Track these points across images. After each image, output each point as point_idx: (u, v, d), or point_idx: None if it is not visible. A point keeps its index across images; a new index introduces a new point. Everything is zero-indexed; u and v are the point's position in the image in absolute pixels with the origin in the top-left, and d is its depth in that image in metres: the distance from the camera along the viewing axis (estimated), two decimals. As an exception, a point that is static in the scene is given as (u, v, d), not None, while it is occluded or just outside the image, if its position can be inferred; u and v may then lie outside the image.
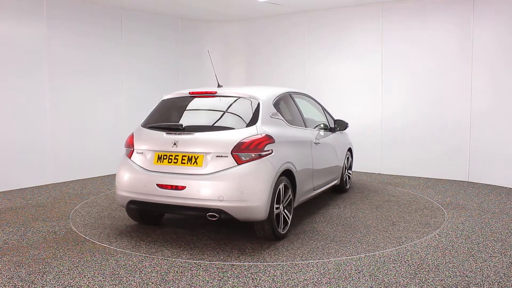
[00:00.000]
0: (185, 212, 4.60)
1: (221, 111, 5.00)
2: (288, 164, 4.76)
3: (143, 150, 4.74)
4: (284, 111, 5.32)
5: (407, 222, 5.39)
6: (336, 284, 3.63)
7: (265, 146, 4.47)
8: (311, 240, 4.74)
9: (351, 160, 7.35)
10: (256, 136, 4.49)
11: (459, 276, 3.78)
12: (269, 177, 4.41)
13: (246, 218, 4.36)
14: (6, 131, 7.20)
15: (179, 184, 4.41)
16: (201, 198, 4.33)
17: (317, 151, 5.71)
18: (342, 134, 6.90)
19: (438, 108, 8.08)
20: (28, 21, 7.44)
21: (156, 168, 4.60)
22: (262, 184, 4.35)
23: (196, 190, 4.35)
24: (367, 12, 8.70)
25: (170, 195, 4.45)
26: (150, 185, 4.54)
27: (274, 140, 4.61)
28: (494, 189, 7.23)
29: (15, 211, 5.95)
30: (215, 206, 4.29)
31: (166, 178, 4.48)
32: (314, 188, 5.65)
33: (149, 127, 4.92)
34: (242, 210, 4.30)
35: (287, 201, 4.82)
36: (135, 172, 4.69)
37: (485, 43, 7.54)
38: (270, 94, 5.13)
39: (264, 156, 4.45)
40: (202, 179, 4.37)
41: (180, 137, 4.59)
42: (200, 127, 4.72)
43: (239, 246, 4.56)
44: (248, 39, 10.44)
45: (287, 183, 4.78)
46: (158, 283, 3.65)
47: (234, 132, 4.52)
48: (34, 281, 3.69)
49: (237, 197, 4.26)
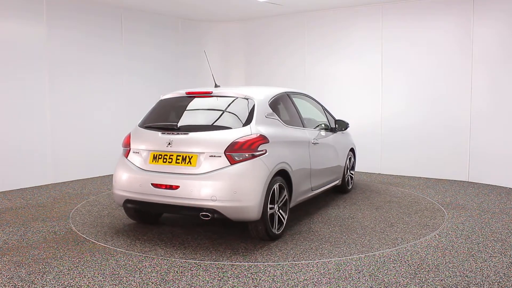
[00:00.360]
0: (179, 212, 4.63)
1: (216, 111, 5.02)
2: (283, 164, 4.75)
3: (139, 149, 4.79)
4: (280, 111, 5.32)
5: (406, 223, 5.38)
6: (336, 284, 3.63)
7: (258, 146, 4.48)
8: (305, 240, 4.73)
9: (353, 160, 7.29)
10: (250, 136, 4.49)
11: (459, 276, 3.78)
12: (263, 177, 4.41)
13: (239, 218, 4.36)
14: (6, 131, 7.20)
15: (173, 184, 4.43)
16: (194, 198, 4.35)
17: (316, 151, 5.69)
18: (343, 135, 6.86)
19: (438, 108, 8.08)
20: (28, 21, 7.44)
21: (151, 167, 4.64)
22: (255, 184, 4.35)
23: (189, 190, 4.36)
24: (367, 12, 8.70)
25: (164, 194, 4.47)
26: (145, 184, 4.57)
27: (268, 140, 4.61)
28: (494, 189, 7.23)
29: (15, 211, 5.95)
30: (208, 206, 4.30)
31: (161, 178, 4.51)
32: (312, 188, 5.64)
33: (145, 127, 4.97)
34: (235, 210, 4.31)
35: (282, 201, 4.81)
36: (131, 172, 4.73)
37: (485, 43, 7.54)
38: (266, 94, 5.13)
39: (258, 156, 4.45)
40: (195, 179, 4.38)
41: (174, 137, 4.63)
42: (194, 127, 4.75)
43: (232, 245, 4.56)
44: (248, 39, 10.44)
45: (282, 183, 4.77)
46: (158, 283, 3.65)
47: (228, 132, 4.53)
48: (34, 281, 3.69)
49: (230, 197, 4.27)
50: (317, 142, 5.79)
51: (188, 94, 5.13)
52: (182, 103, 5.17)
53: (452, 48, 7.89)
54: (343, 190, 6.98)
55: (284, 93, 5.63)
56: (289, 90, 5.85)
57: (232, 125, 4.64)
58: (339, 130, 6.57)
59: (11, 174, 7.28)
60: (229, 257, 4.23)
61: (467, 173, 7.91)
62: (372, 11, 8.64)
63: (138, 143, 4.83)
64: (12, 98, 7.26)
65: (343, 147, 6.77)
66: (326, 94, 8.93)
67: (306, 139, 5.55)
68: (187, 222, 5.41)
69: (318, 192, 5.91)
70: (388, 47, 8.52)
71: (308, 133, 5.66)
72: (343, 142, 6.80)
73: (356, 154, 7.47)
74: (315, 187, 5.75)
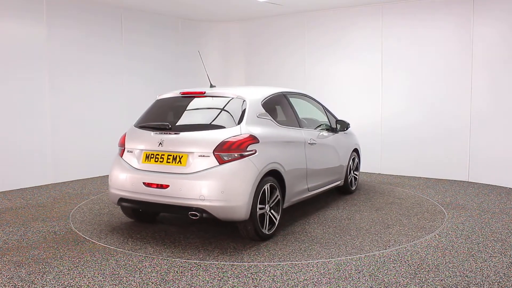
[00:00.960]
0: (169, 211, 4.67)
1: (208, 111, 5.06)
2: (274, 164, 4.74)
3: (133, 149, 4.85)
4: (274, 111, 5.33)
5: (403, 225, 5.33)
6: (336, 284, 3.63)
7: (247, 146, 4.48)
8: (296, 241, 4.71)
9: (357, 161, 7.21)
10: (239, 136, 4.50)
11: (459, 276, 3.78)
12: (251, 177, 4.41)
13: (227, 217, 4.37)
14: (6, 131, 7.20)
15: (163, 183, 4.47)
16: (183, 197, 4.38)
17: (313, 151, 5.66)
18: (346, 135, 6.79)
19: (438, 108, 8.08)
20: (28, 21, 7.44)
21: (144, 167, 4.69)
22: (243, 184, 4.36)
23: (178, 189, 4.40)
24: (367, 11, 8.70)
25: (155, 193, 4.52)
26: (138, 183, 4.63)
27: (258, 140, 4.61)
28: (494, 189, 7.23)
29: (15, 211, 5.95)
30: (196, 205, 4.34)
31: (152, 177, 4.56)
32: (309, 189, 5.61)
33: (140, 126, 5.02)
34: (223, 210, 4.32)
35: (274, 202, 4.81)
36: (125, 171, 4.79)
37: (485, 43, 7.54)
38: (260, 94, 5.14)
39: (247, 156, 4.45)
40: (184, 178, 4.41)
41: (166, 136, 4.67)
42: (185, 127, 4.80)
43: (222, 245, 4.56)
44: (248, 39, 10.44)
45: (275, 184, 4.77)
46: (158, 283, 3.65)
47: (218, 132, 4.55)
48: (34, 281, 3.69)
49: (218, 196, 4.29)
50: (315, 142, 5.75)
51: (183, 94, 5.17)
52: (177, 103, 5.22)
53: (452, 48, 7.89)
54: (346, 191, 6.91)
55: (281, 93, 5.61)
56: (286, 90, 5.83)
57: (222, 125, 4.66)
58: (340, 130, 6.52)
59: (11, 174, 7.28)
60: (216, 257, 4.23)
61: (467, 173, 7.91)
62: (372, 11, 8.64)
63: (132, 142, 4.89)
64: (12, 98, 7.26)
65: (345, 147, 6.70)
66: (326, 94, 8.92)
67: (302, 139, 5.51)
68: (184, 222, 5.41)
69: (316, 193, 5.88)
70: (388, 47, 8.51)
71: (304, 134, 5.62)
72: (345, 143, 6.74)
73: (360, 155, 7.42)
74: (313, 188, 5.71)
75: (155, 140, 4.69)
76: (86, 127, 8.28)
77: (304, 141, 5.52)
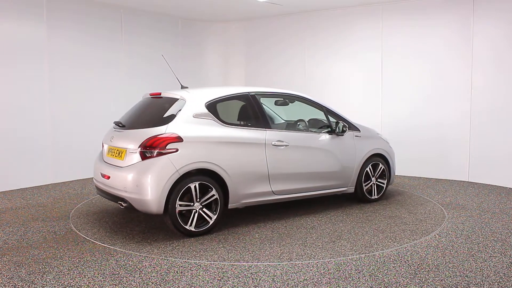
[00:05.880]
0: (111, 199, 5.14)
1: (154, 111, 5.38)
2: (205, 164, 4.83)
3: (104, 143, 5.48)
4: (226, 112, 5.43)
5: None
6: (336, 284, 3.63)
7: (167, 145, 4.70)
8: (226, 241, 4.69)
9: (383, 167, 6.46)
10: (162, 135, 4.75)
11: (459, 276, 3.78)
12: (166, 174, 4.62)
13: (142, 209, 4.73)
14: (6, 131, 7.20)
15: (108, 174, 5.05)
16: (116, 188, 4.90)
17: (281, 153, 5.42)
18: (359, 138, 6.25)
19: (438, 107, 8.08)
20: (28, 21, 7.43)
21: (106, 159, 5.29)
22: (156, 180, 4.60)
23: (114, 180, 4.92)
24: (367, 12, 8.69)
25: (104, 183, 5.13)
26: (98, 173, 5.31)
27: (182, 139, 4.77)
28: (494, 189, 7.22)
29: (15, 211, 5.95)
30: (122, 195, 4.82)
31: (104, 168, 5.17)
32: (275, 192, 5.41)
33: (113, 123, 5.58)
34: (138, 202, 4.69)
35: (206, 201, 4.87)
36: (97, 162, 5.49)
37: (486, 43, 7.54)
38: (209, 96, 5.23)
39: (165, 154, 4.67)
40: (119, 171, 4.89)
41: (116, 133, 5.27)
42: (131, 125, 5.24)
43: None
44: (248, 39, 10.43)
45: (209, 183, 4.86)
46: (158, 283, 3.65)
47: (146, 131, 4.87)
48: (34, 281, 3.69)
49: (133, 189, 4.68)
50: (285, 144, 5.48)
51: (151, 95, 5.62)
52: (144, 103, 5.65)
53: (452, 48, 7.88)
54: (361, 199, 6.33)
55: (246, 94, 5.51)
56: (261, 90, 5.69)
57: (154, 124, 4.94)
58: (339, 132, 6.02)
59: (11, 174, 7.28)
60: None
61: (467, 173, 7.90)
62: (372, 11, 8.64)
63: (105, 137, 5.54)
64: (12, 98, 7.26)
65: (354, 151, 6.15)
66: (326, 94, 8.92)
67: (262, 140, 5.31)
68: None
69: (294, 197, 5.63)
70: (388, 47, 8.51)
71: (268, 135, 5.38)
72: (354, 146, 6.16)
73: (391, 162, 6.63)
74: (282, 192, 5.48)
75: (110, 136, 5.34)
76: (87, 127, 8.27)
77: (264, 143, 5.33)
